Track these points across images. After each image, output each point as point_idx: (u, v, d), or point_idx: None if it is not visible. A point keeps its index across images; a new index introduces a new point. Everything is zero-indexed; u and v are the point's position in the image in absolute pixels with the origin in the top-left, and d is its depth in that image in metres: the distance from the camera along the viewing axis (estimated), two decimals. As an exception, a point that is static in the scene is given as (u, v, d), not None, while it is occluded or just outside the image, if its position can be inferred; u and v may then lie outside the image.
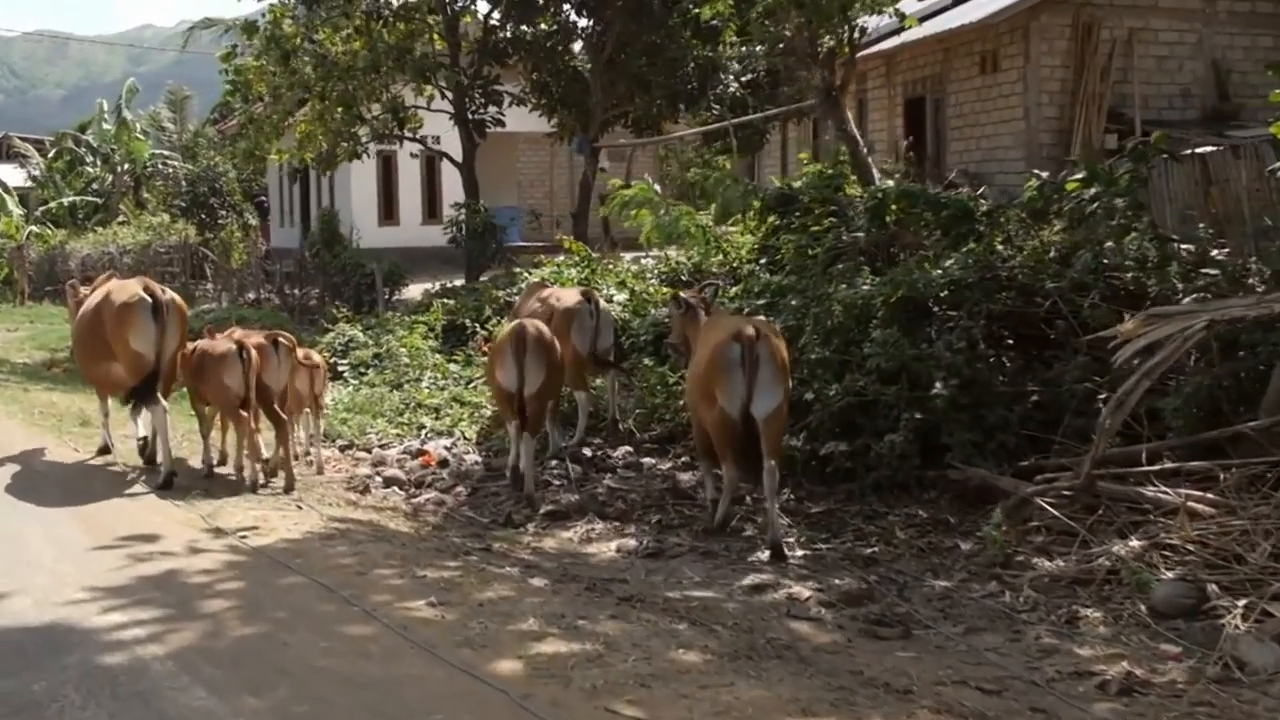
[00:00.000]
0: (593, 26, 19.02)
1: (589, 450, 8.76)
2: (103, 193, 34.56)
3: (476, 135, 19.74)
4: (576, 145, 20.70)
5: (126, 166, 35.06)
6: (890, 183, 10.07)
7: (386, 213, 26.91)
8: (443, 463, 8.84)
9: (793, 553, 6.27)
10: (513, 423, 7.82)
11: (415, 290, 18.22)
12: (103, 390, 9.09)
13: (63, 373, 14.36)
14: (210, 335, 8.52)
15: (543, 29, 19.44)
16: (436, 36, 19.47)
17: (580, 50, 19.89)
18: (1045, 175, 9.35)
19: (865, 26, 11.36)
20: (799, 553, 6.30)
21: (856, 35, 11.17)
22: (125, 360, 8.25)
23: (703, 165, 24.78)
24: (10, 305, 25.73)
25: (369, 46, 18.05)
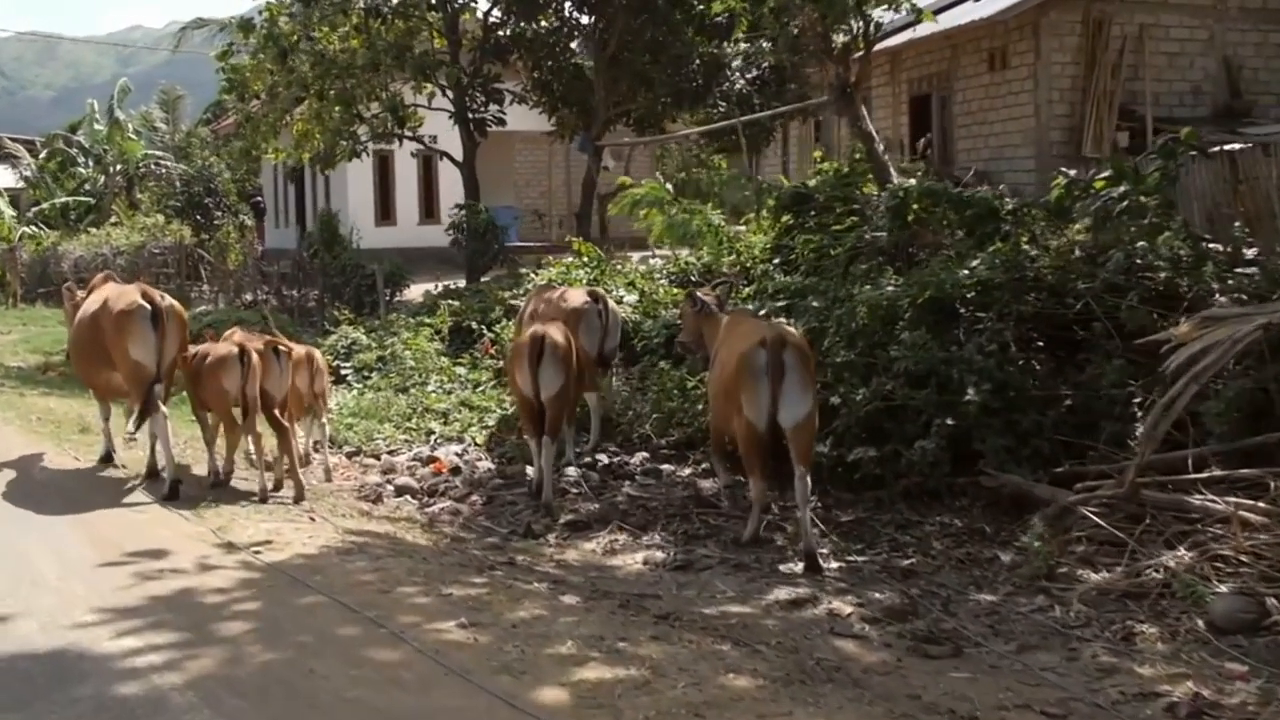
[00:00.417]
0: (595, 23, 18.77)
1: (605, 456, 8.54)
2: (95, 193, 34.15)
3: (477, 134, 19.49)
4: (579, 144, 20.45)
5: (119, 167, 34.67)
6: (912, 181, 9.84)
7: (383, 213, 26.67)
8: (455, 470, 8.62)
9: (827, 564, 6.07)
10: (532, 434, 7.63)
11: (416, 291, 17.98)
12: (102, 396, 8.87)
13: (59, 377, 14.05)
14: (210, 339, 8.32)
15: (544, 26, 19.21)
16: (436, 34, 19.22)
17: (581, 47, 19.64)
18: (1073, 173, 9.14)
19: (880, 21, 11.12)
20: (833, 564, 6.10)
21: (871, 30, 10.94)
22: (125, 369, 8.04)
23: (700, 165, 24.59)
24: (3, 308, 25.35)
25: (367, 44, 17.81)
